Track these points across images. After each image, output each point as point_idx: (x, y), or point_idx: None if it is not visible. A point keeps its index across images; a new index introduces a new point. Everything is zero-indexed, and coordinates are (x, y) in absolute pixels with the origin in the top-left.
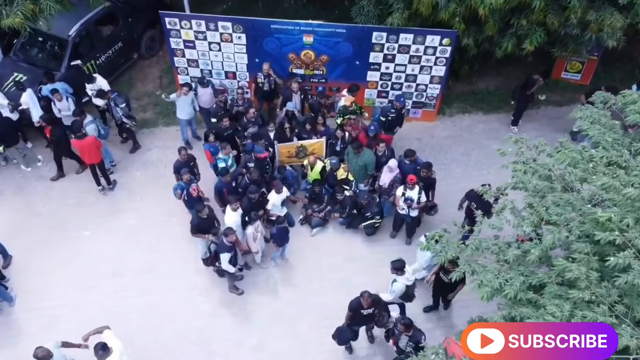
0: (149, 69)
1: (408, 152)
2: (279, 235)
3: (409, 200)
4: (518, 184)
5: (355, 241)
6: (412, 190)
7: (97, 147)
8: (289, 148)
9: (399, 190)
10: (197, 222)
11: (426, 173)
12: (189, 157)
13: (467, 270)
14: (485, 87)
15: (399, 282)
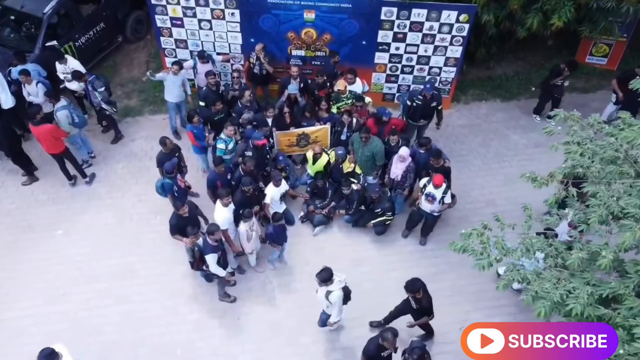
0: (135, 53)
1: (423, 140)
2: (276, 234)
3: (430, 196)
4: (575, 168)
5: (363, 241)
6: (437, 188)
7: (55, 137)
8: (289, 136)
9: (422, 181)
10: (176, 221)
11: (435, 162)
12: (174, 147)
13: (516, 278)
14: (503, 72)
15: (334, 291)
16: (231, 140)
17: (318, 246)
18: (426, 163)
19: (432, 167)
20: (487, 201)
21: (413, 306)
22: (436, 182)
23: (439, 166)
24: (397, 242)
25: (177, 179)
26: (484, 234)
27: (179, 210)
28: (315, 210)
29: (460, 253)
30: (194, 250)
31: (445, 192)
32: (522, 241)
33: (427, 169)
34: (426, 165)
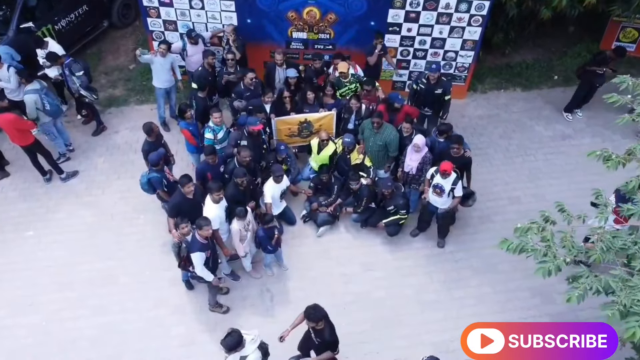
0: (122, 40)
1: (442, 126)
2: (265, 240)
3: (438, 188)
4: None
5: (373, 243)
6: (445, 178)
7: (17, 128)
8: (290, 124)
9: (430, 171)
10: (179, 200)
11: (458, 150)
12: (159, 135)
13: (597, 286)
14: (522, 60)
15: (250, 355)
16: (220, 128)
17: (322, 249)
18: (445, 153)
19: (451, 156)
20: (511, 198)
21: (314, 340)
22: (444, 168)
23: (459, 155)
24: (412, 244)
25: (166, 172)
26: (545, 228)
27: (184, 187)
28: (319, 208)
29: (516, 254)
30: (181, 247)
31: (455, 183)
32: (600, 237)
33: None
34: (445, 156)
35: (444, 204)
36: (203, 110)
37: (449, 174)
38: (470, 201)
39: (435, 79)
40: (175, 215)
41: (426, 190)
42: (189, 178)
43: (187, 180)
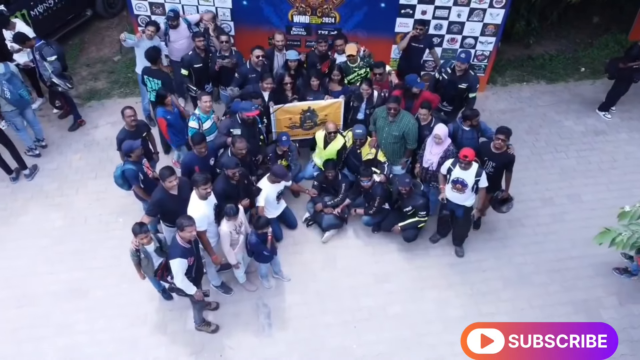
0: (108, 31)
1: (468, 112)
2: (258, 247)
3: (459, 182)
4: None
5: (387, 250)
6: (467, 169)
7: None
8: (291, 113)
9: (445, 165)
10: (161, 196)
11: (502, 144)
12: (139, 124)
13: None
14: (544, 52)
15: None
16: (207, 117)
17: (328, 257)
18: (472, 145)
19: (490, 151)
20: (543, 200)
21: None
22: (464, 154)
23: (501, 151)
24: (431, 251)
25: (144, 164)
26: None
27: (166, 181)
28: (324, 210)
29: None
30: (140, 257)
31: (479, 174)
32: None
33: (479, 157)
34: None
35: (467, 200)
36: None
37: (471, 162)
38: (505, 207)
39: (462, 71)
40: (155, 214)
41: (442, 189)
42: (171, 170)
43: (169, 172)
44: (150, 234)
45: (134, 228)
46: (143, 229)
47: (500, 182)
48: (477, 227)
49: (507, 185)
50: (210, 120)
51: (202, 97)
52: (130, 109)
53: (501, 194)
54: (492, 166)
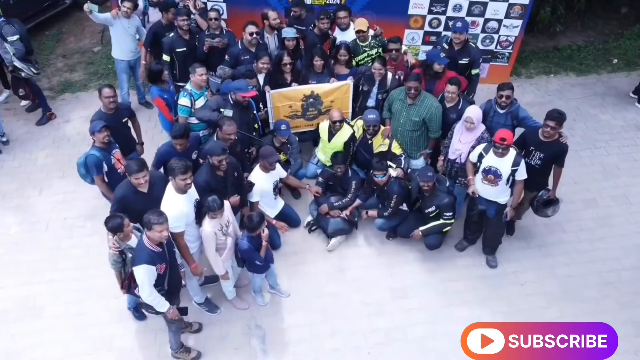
0: (89, 22)
1: (504, 86)
2: (250, 253)
3: (491, 172)
4: None
5: (405, 260)
6: (502, 156)
7: None
8: (291, 99)
9: (475, 151)
10: (125, 192)
11: (552, 132)
12: (120, 108)
13: None
14: (570, 43)
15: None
16: (201, 94)
17: (335, 268)
18: (530, 133)
19: (538, 139)
20: (585, 201)
21: None
22: (502, 136)
23: (552, 140)
24: (457, 260)
25: (113, 154)
26: None
27: (132, 176)
28: (330, 212)
29: None
30: (125, 259)
31: (517, 164)
32: None
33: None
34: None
35: (500, 196)
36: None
37: (509, 147)
38: (550, 210)
39: (460, 43)
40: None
41: (471, 180)
42: (141, 164)
43: (138, 167)
44: (131, 225)
45: (113, 223)
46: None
47: (547, 178)
48: (510, 232)
49: (555, 183)
50: (204, 97)
51: (197, 70)
52: (110, 88)
53: (547, 193)
54: (539, 158)
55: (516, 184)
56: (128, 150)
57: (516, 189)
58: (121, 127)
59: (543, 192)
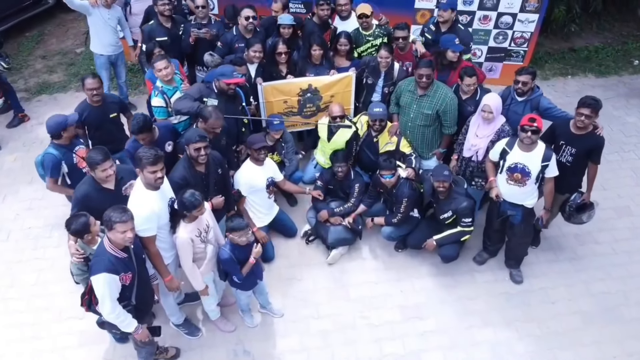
0: (73, 23)
1: (524, 72)
2: (228, 263)
3: (518, 170)
4: None
5: (418, 275)
6: (530, 150)
7: None
8: (286, 93)
9: (497, 148)
10: (87, 191)
11: (587, 121)
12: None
13: None
14: (586, 44)
15: None
16: (175, 89)
17: (336, 284)
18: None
19: (569, 132)
20: (617, 209)
21: None
22: (531, 117)
23: (586, 132)
24: (477, 275)
25: (75, 152)
26: None
27: (96, 169)
28: (330, 220)
29: None
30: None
31: (547, 158)
32: None
33: (553, 141)
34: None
35: (528, 198)
36: None
37: (539, 131)
38: (585, 216)
39: (448, 23)
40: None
41: (493, 182)
42: (105, 152)
43: (102, 157)
44: (98, 225)
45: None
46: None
47: (580, 178)
48: (536, 243)
49: (589, 183)
50: (180, 93)
51: (157, 63)
52: (94, 78)
53: (580, 197)
54: (570, 153)
55: (546, 183)
56: (115, 151)
57: (547, 189)
58: (108, 123)
59: (576, 195)
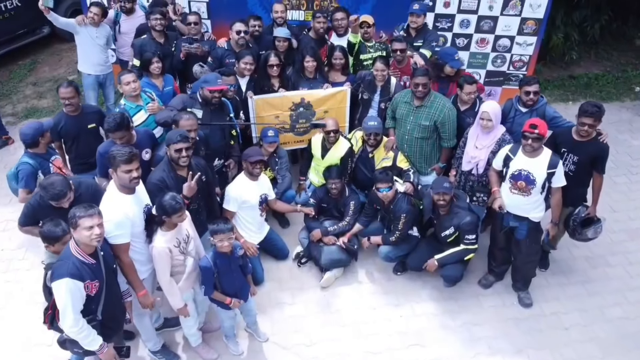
0: (68, 52)
1: (528, 80)
2: (207, 272)
3: (522, 178)
4: None
5: (419, 299)
6: (535, 156)
7: None
8: (278, 108)
9: (500, 155)
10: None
11: (590, 129)
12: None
13: None
14: (586, 72)
15: None
16: (139, 108)
17: (331, 308)
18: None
19: (568, 140)
20: (629, 231)
21: None
22: (533, 123)
23: (589, 139)
24: (483, 299)
25: (52, 161)
26: None
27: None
28: (324, 239)
29: None
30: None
31: (553, 165)
32: None
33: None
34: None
35: (533, 210)
36: None
37: (542, 138)
38: (591, 232)
39: (418, 27)
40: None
41: (496, 193)
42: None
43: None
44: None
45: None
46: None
47: (584, 190)
48: (545, 266)
49: (595, 195)
50: (145, 112)
51: (123, 77)
52: (68, 86)
53: (585, 210)
54: (573, 162)
55: (553, 194)
56: (93, 165)
57: (554, 200)
58: (85, 134)
59: (580, 209)
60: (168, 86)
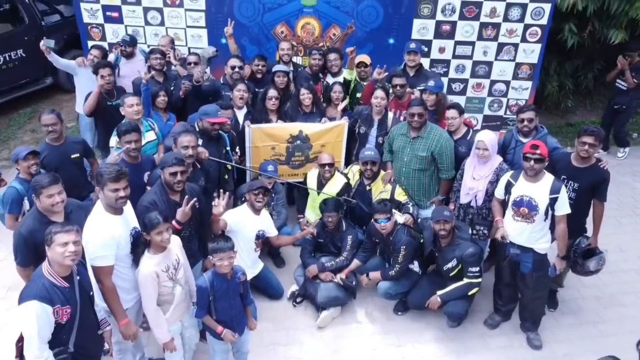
0: (69, 103)
1: (523, 108)
2: (202, 292)
3: (524, 204)
4: None
5: (421, 340)
6: (536, 181)
7: None
8: (275, 139)
9: (501, 182)
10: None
11: (590, 149)
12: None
13: None
14: (582, 119)
15: None
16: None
17: (328, 349)
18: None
19: (567, 166)
20: (638, 270)
21: None
22: (534, 143)
23: (589, 165)
24: (489, 340)
25: None
26: None
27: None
28: (320, 276)
29: None
30: None
31: (556, 191)
32: None
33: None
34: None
35: (538, 239)
36: None
37: (543, 160)
38: (593, 264)
39: (415, 65)
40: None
41: (499, 222)
42: (53, 179)
43: (49, 181)
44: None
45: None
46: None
47: (584, 218)
48: (553, 306)
49: (596, 225)
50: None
51: (126, 99)
52: (51, 114)
53: (585, 241)
54: (573, 189)
55: (557, 223)
56: (78, 197)
57: (559, 230)
58: (68, 165)
59: (581, 240)
60: (171, 121)
